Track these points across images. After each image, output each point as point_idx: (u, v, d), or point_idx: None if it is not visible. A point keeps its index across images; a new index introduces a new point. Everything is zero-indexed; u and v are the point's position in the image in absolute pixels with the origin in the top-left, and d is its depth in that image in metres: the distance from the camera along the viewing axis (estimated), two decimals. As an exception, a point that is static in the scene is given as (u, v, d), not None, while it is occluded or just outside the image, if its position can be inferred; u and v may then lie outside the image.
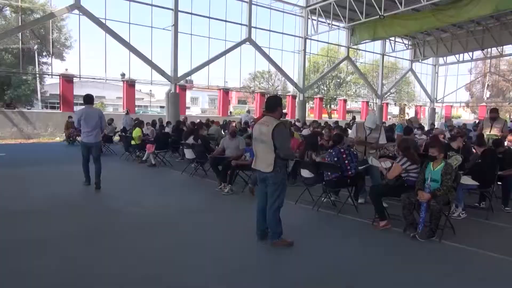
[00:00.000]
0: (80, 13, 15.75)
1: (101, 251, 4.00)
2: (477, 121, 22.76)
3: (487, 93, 41.60)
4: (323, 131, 9.30)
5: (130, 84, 19.01)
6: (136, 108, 21.97)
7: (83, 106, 7.12)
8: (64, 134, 15.16)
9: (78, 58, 17.31)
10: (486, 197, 5.79)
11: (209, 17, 19.17)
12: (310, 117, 27.56)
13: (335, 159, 5.71)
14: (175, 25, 17.15)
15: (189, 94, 41.29)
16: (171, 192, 7.17)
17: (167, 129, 12.45)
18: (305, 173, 6.08)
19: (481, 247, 4.27)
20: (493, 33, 23.63)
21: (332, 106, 37.23)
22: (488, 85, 41.43)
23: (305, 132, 11.55)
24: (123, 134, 12.22)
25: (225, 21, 19.69)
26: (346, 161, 5.68)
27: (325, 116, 31.85)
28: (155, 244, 4.26)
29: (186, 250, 4.10)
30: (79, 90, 19.05)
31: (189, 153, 8.74)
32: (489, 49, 26.68)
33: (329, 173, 5.74)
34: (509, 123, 18.47)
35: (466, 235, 4.66)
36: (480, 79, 40.31)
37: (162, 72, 17.42)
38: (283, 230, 4.25)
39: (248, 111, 20.83)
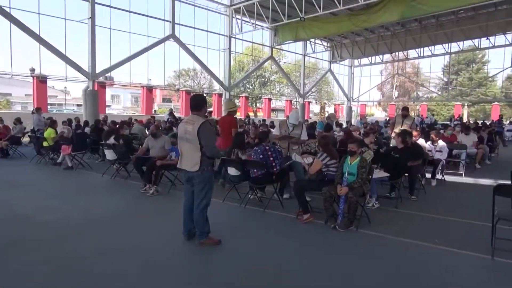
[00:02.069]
0: (-21, 0, 14.01)
1: (17, 264, 3.62)
2: (387, 119, 24.92)
3: (395, 93, 45.77)
4: (249, 128, 9.46)
5: (41, 81, 17.40)
6: (49, 107, 20.21)
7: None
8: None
9: (-23, 50, 15.37)
10: (396, 188, 6.37)
11: (129, 11, 18.30)
12: (237, 115, 27.78)
13: (261, 156, 5.85)
14: (92, 18, 16.09)
15: (109, 91, 39.15)
16: (91, 195, 6.73)
17: (86, 129, 11.68)
18: (232, 171, 6.14)
19: (391, 233, 4.70)
20: (400, 39, 26.14)
21: (258, 104, 37.99)
22: (396, 85, 45.63)
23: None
24: (33, 135, 11.18)
25: (147, 16, 18.98)
26: (271, 158, 5.84)
27: (251, 114, 32.36)
28: (77, 252, 3.97)
29: (111, 257, 3.89)
30: (-21, 86, 16.97)
31: (110, 154, 8.29)
32: (397, 53, 29.47)
33: (255, 170, 5.87)
34: (416, 118, 20.64)
35: (379, 223, 5.08)
36: (389, 80, 44.23)
37: (78, 68, 16.23)
38: (211, 229, 4.25)
39: (171, 110, 20.27)
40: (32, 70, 17.83)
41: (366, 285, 3.40)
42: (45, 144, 9.72)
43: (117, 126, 9.62)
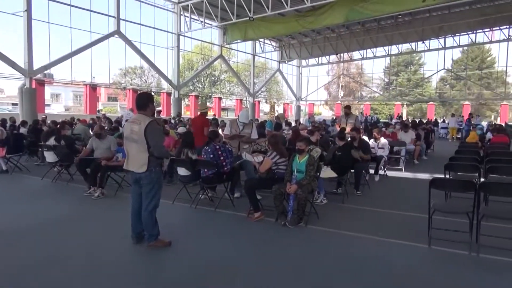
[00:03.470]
0: None
1: None
2: (334, 117, 25.85)
3: (341, 93, 47.63)
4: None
5: (-30, 77, 15.99)
6: (-21, 106, 18.59)
7: None
8: None
9: None
10: (342, 184, 6.63)
11: (70, 5, 17.32)
12: (186, 114, 27.40)
13: (211, 155, 5.81)
14: (28, 10, 15.02)
15: (49, 90, 36.87)
16: (30, 201, 6.28)
17: (22, 130, 10.89)
18: (182, 171, 6.04)
19: (339, 227, 4.89)
20: (344, 40, 27.24)
21: (208, 103, 37.66)
22: (342, 85, 47.47)
23: (181, 129, 11.43)
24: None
25: (90, 10, 18.08)
26: (222, 157, 5.83)
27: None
28: (15, 262, 3.71)
29: (55, 265, 3.66)
30: None
31: (50, 156, 7.81)
32: (342, 54, 30.67)
33: (205, 170, 5.82)
34: (360, 116, 21.56)
35: (327, 219, 5.26)
36: (335, 80, 45.88)
37: (12, 64, 15.06)
38: (161, 231, 4.16)
39: (131, 110, 19.46)
40: (-41, 65, 16.29)
41: (316, 277, 3.51)
42: (-25, 146, 8.92)
43: (58, 126, 9.09)
